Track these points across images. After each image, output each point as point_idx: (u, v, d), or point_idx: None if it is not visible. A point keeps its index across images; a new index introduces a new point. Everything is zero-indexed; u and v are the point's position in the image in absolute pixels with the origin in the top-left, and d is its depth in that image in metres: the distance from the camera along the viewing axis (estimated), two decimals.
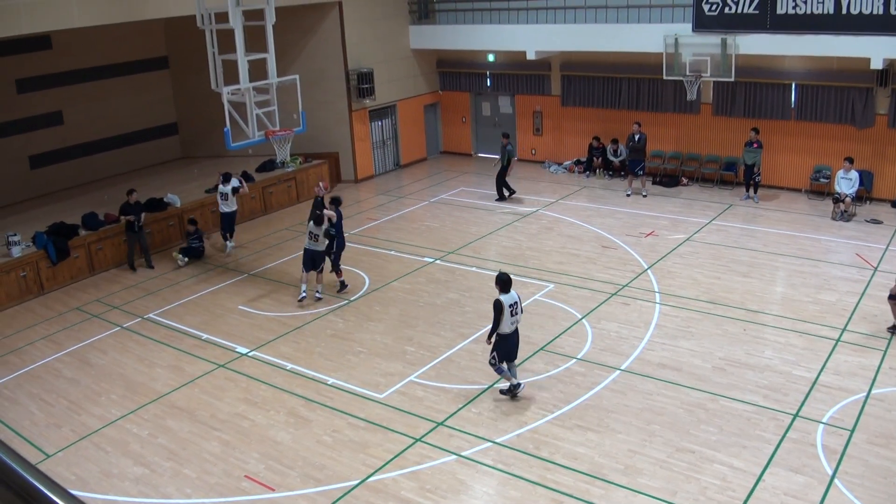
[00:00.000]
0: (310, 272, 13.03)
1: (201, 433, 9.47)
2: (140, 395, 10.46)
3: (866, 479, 7.87)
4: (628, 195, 18.30)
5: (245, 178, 17.74)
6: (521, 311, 9.59)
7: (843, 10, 15.26)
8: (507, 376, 9.64)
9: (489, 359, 9.67)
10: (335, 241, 13.25)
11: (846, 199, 15.80)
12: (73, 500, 1.52)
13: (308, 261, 12.96)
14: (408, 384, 10.34)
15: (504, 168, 18.25)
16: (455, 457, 8.67)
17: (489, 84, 22.18)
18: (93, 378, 11.06)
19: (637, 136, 18.06)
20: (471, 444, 8.87)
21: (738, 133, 18.10)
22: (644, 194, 18.16)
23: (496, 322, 9.37)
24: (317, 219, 12.84)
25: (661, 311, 12.06)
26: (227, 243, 15.99)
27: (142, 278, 14.84)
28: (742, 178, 17.86)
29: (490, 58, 21.48)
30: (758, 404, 9.34)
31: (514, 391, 9.69)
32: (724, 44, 16.72)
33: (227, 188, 15.64)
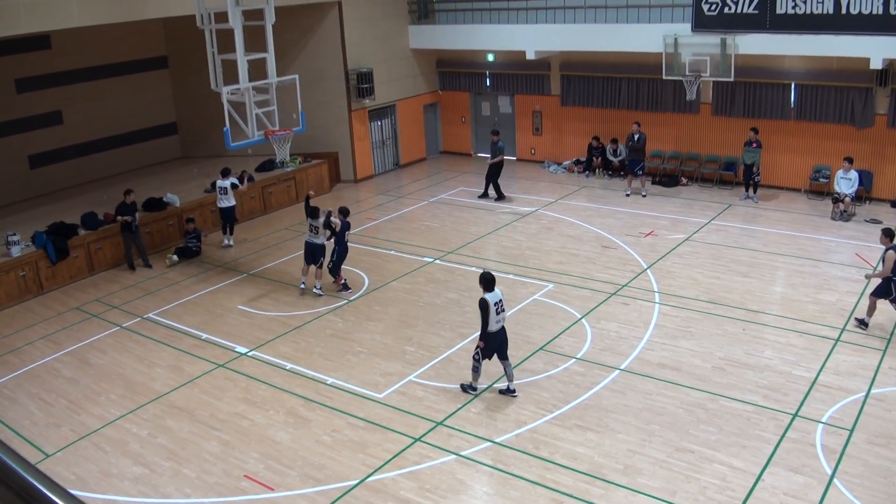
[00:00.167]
0: (310, 265, 13.26)
1: (201, 433, 9.47)
2: (139, 395, 10.46)
3: (866, 478, 7.87)
4: (628, 195, 18.30)
5: (243, 179, 17.81)
6: (504, 309, 9.73)
7: (843, 10, 15.27)
8: (477, 377, 9.85)
9: (473, 354, 9.81)
10: (336, 250, 13.33)
11: (846, 199, 15.80)
12: (73, 499, 1.51)
13: (308, 255, 13.26)
14: (407, 384, 10.34)
15: (494, 166, 18.24)
16: (454, 456, 8.67)
17: (489, 84, 22.19)
18: (92, 378, 11.06)
19: (636, 136, 18.07)
20: (470, 444, 8.87)
21: (737, 133, 18.10)
22: (643, 194, 18.17)
23: (485, 321, 9.47)
24: (313, 212, 13.11)
25: (661, 311, 12.06)
26: (226, 239, 16.33)
27: (141, 278, 14.84)
28: (741, 177, 17.87)
29: (489, 57, 21.49)
30: (757, 404, 9.34)
31: (507, 393, 9.83)
32: (723, 44, 16.73)
33: (225, 183, 15.93)
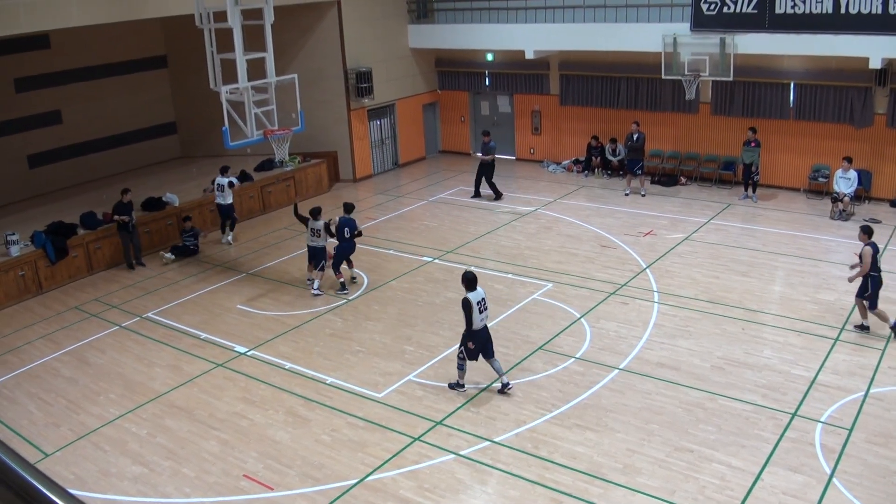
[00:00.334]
0: (312, 265, 13.62)
1: (200, 432, 9.47)
2: (139, 395, 10.45)
3: (865, 478, 7.88)
4: (627, 194, 18.31)
5: (242, 178, 17.86)
6: (487, 307, 9.78)
7: (842, 10, 15.27)
8: (463, 374, 9.90)
9: (457, 352, 9.86)
10: (336, 247, 13.38)
11: (845, 199, 15.81)
12: (72, 499, 1.51)
13: (311, 257, 13.54)
14: (406, 383, 10.34)
15: (485, 165, 18.23)
16: (454, 456, 8.67)
17: (488, 83, 22.19)
18: (91, 377, 11.05)
19: (635, 136, 18.07)
20: (469, 444, 8.87)
21: (736, 132, 18.10)
22: (643, 193, 18.17)
23: (468, 321, 9.52)
24: (313, 212, 13.31)
25: (660, 311, 12.07)
26: (224, 236, 16.52)
27: (140, 277, 14.83)
28: (741, 177, 17.87)
29: (489, 57, 21.48)
30: (756, 403, 9.34)
31: (504, 391, 9.84)
32: (722, 43, 16.73)
33: (223, 180, 16.10)
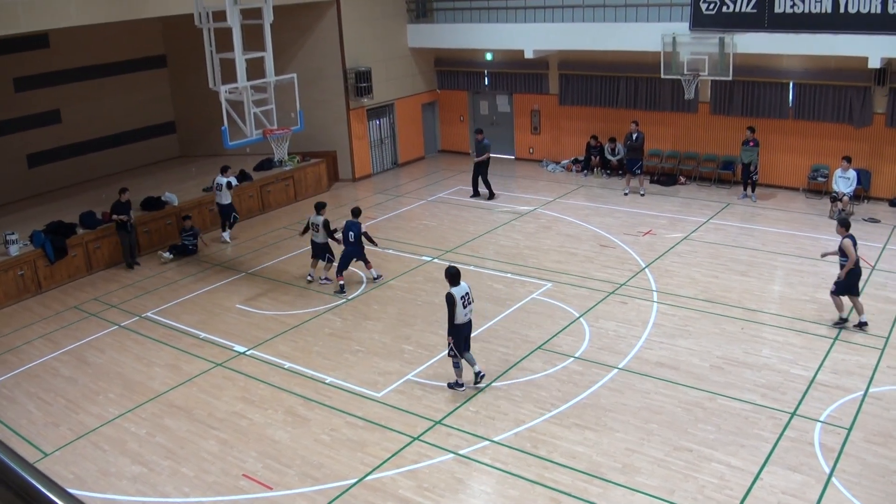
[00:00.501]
0: (318, 260, 13.89)
1: (199, 432, 9.47)
2: (138, 394, 10.45)
3: (864, 477, 7.88)
4: (626, 194, 18.31)
5: (241, 178, 17.86)
6: (472, 301, 9.88)
7: (841, 9, 15.28)
8: (460, 373, 9.96)
9: (447, 351, 9.94)
10: (343, 250, 13.49)
11: (844, 198, 15.81)
12: (72, 498, 1.51)
13: (314, 252, 13.87)
14: (406, 383, 10.34)
15: (481, 164, 18.22)
16: (453, 455, 8.67)
17: (487, 83, 22.19)
18: (90, 377, 11.05)
19: (635, 135, 18.07)
20: (469, 443, 8.87)
21: (735, 132, 18.10)
22: (642, 193, 18.17)
23: (451, 315, 9.61)
24: (317, 207, 13.62)
25: (659, 310, 12.07)
26: (224, 235, 16.57)
27: (139, 277, 14.83)
28: (740, 176, 17.88)
29: (488, 56, 21.48)
30: (755, 403, 9.35)
31: (478, 380, 9.99)
32: (721, 43, 16.74)
33: (223, 180, 16.16)
